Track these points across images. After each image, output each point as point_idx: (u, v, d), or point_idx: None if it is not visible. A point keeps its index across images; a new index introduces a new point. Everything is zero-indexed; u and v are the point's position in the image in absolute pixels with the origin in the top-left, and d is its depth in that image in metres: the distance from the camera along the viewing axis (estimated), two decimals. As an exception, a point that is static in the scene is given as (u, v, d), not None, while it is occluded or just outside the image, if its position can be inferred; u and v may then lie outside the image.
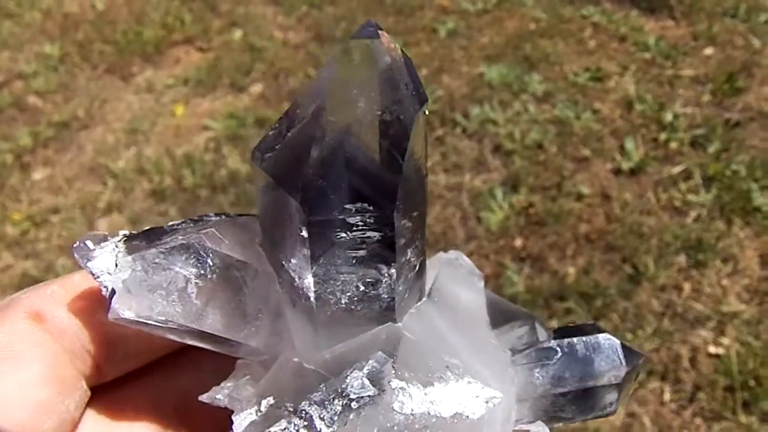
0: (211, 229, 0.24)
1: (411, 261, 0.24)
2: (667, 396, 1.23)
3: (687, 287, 1.37)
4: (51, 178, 1.86)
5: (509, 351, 0.27)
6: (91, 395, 0.25)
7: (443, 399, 0.23)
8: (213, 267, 0.24)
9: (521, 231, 1.52)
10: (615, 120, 1.76)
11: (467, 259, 0.31)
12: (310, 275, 0.23)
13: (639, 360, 0.28)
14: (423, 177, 0.24)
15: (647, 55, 1.96)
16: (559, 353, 0.27)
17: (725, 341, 1.28)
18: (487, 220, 1.54)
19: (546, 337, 0.29)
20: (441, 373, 0.24)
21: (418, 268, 0.25)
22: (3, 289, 1.56)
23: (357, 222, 0.22)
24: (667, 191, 1.56)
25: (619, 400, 0.28)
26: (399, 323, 0.25)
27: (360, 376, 0.23)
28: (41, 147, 1.95)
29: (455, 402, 0.23)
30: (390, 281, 0.23)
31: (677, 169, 1.61)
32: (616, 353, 0.28)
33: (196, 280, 0.24)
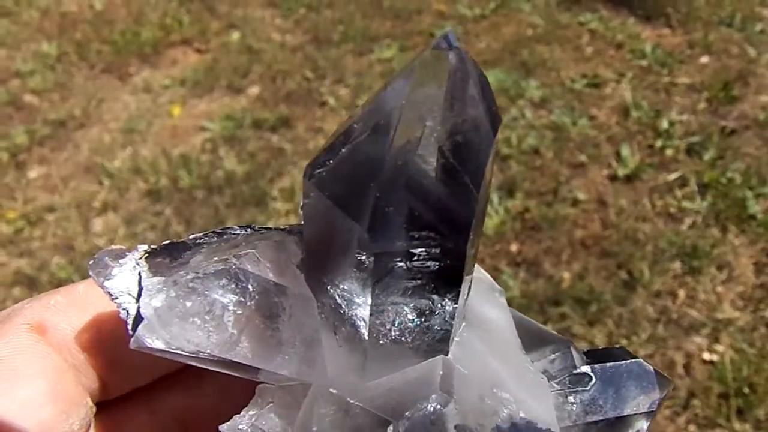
0: (252, 251, 0.22)
1: (465, 290, 0.23)
2: (661, 402, 1.23)
3: (682, 294, 1.38)
4: (46, 176, 1.85)
5: (545, 377, 0.26)
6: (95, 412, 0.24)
7: None
8: (252, 293, 0.22)
9: (517, 236, 1.52)
10: (611, 126, 1.77)
11: (485, 273, 0.29)
12: (365, 304, 0.21)
13: (669, 386, 0.27)
14: (486, 202, 0.22)
15: (644, 63, 1.97)
16: (594, 379, 0.26)
17: (719, 348, 1.28)
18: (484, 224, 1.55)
19: (580, 362, 0.27)
20: (496, 408, 0.22)
21: (467, 294, 0.24)
22: (-4, 288, 1.56)
23: (420, 252, 0.21)
24: (663, 198, 1.57)
25: (649, 428, 0.26)
26: (450, 355, 0.23)
27: (423, 420, 0.21)
28: (37, 145, 1.95)
29: None
30: (444, 312, 0.22)
31: (673, 176, 1.61)
32: (650, 379, 0.26)
33: (234, 307, 0.22)
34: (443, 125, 0.20)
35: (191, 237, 0.24)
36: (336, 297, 0.22)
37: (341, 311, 0.22)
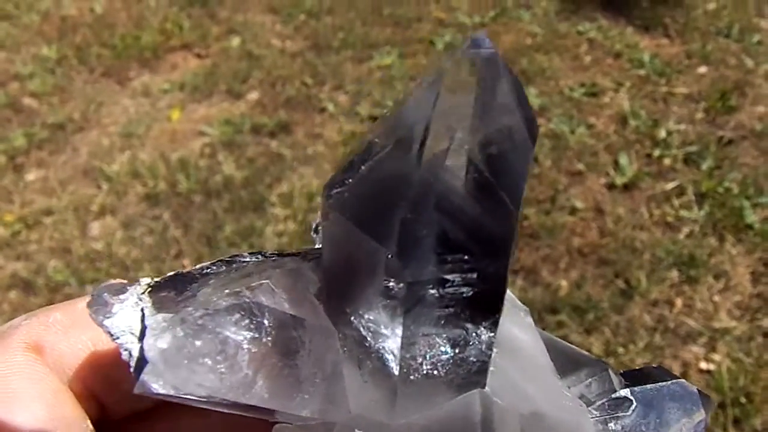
0: (267, 282, 0.21)
1: (496, 316, 0.21)
2: (658, 411, 1.23)
3: (679, 303, 1.38)
4: (44, 179, 1.85)
5: (583, 402, 0.24)
6: None
7: None
8: (269, 328, 0.20)
9: (515, 243, 1.52)
10: (609, 135, 1.78)
11: (510, 293, 0.28)
12: (394, 336, 0.19)
13: (713, 406, 0.26)
14: (516, 217, 0.20)
15: (642, 72, 1.98)
16: (634, 404, 0.24)
17: (716, 357, 1.28)
18: (481, 231, 1.55)
19: (618, 386, 0.25)
20: None
21: (501, 319, 0.22)
22: (-8, 291, 1.55)
23: (454, 278, 0.19)
24: (660, 207, 1.57)
25: None
26: (487, 389, 0.21)
27: None
28: (35, 148, 1.95)
29: None
30: (480, 342, 0.20)
31: (670, 185, 1.62)
32: (693, 400, 0.25)
33: (248, 345, 0.20)
34: (474, 136, 0.18)
35: (198, 267, 0.22)
36: (360, 328, 0.20)
37: (366, 344, 0.20)
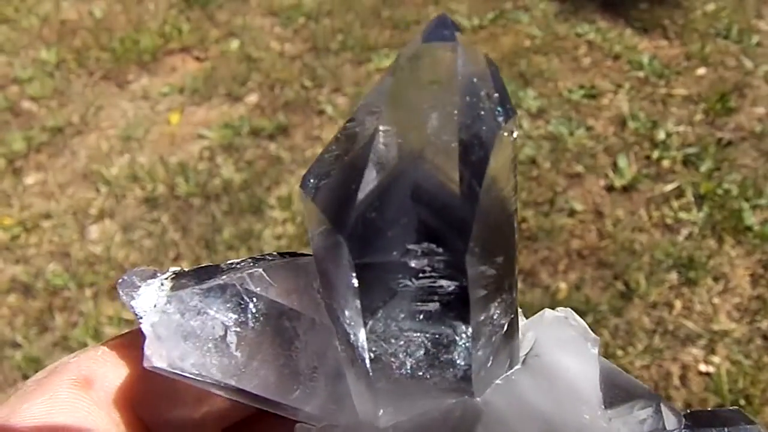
0: (258, 270, 0.21)
1: (495, 319, 0.20)
2: (657, 413, 1.22)
3: (678, 305, 1.38)
4: (43, 183, 1.85)
5: None
6: None
7: None
8: (257, 314, 0.21)
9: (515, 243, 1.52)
10: (608, 137, 1.78)
11: (580, 319, 0.25)
12: (363, 331, 0.19)
13: None
14: (511, 213, 0.19)
15: (641, 74, 1.97)
16: None
17: (716, 360, 1.28)
18: (480, 234, 1.55)
19: (675, 425, 0.23)
20: None
21: (506, 328, 0.20)
22: (-9, 295, 1.55)
23: (424, 267, 0.18)
24: (659, 209, 1.57)
25: None
26: (478, 398, 0.20)
27: None
28: (34, 152, 1.95)
29: None
30: (467, 343, 0.19)
31: (669, 187, 1.62)
32: None
33: (236, 328, 0.21)
34: (450, 123, 0.17)
35: (228, 262, 0.23)
36: (345, 325, 0.19)
37: (351, 341, 0.19)
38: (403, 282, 0.18)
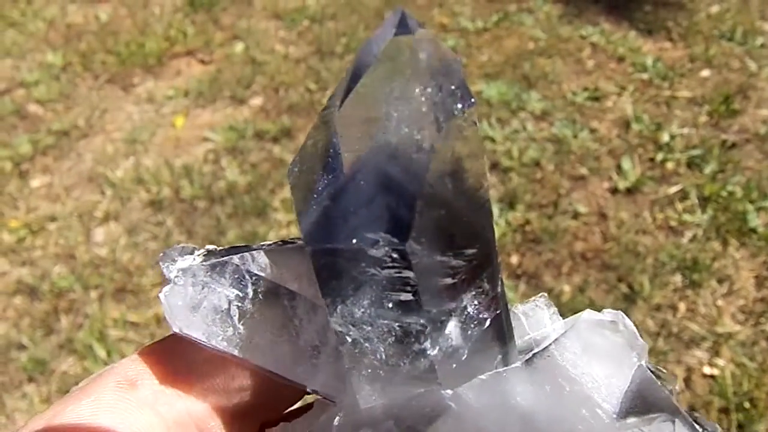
0: (261, 252, 0.22)
1: (470, 311, 0.19)
2: (661, 416, 1.22)
3: (682, 307, 1.37)
4: (49, 186, 1.86)
5: None
6: None
7: None
8: (256, 292, 0.22)
9: (517, 248, 1.52)
10: (612, 139, 1.77)
11: (630, 324, 0.24)
12: (335, 314, 0.19)
13: None
14: (482, 204, 0.19)
15: (645, 76, 1.97)
16: None
17: (720, 362, 1.27)
18: (484, 236, 1.54)
19: None
20: None
21: (490, 323, 0.20)
22: (-3, 297, 1.56)
23: (385, 256, 0.18)
24: (663, 211, 1.57)
25: None
26: (449, 390, 0.20)
27: None
28: (40, 155, 1.96)
29: None
30: (434, 334, 0.19)
31: (673, 189, 1.61)
32: None
33: (237, 302, 0.22)
34: (413, 112, 0.17)
35: (258, 244, 0.24)
36: (326, 309, 0.20)
37: (330, 324, 0.20)
38: (370, 271, 0.18)
